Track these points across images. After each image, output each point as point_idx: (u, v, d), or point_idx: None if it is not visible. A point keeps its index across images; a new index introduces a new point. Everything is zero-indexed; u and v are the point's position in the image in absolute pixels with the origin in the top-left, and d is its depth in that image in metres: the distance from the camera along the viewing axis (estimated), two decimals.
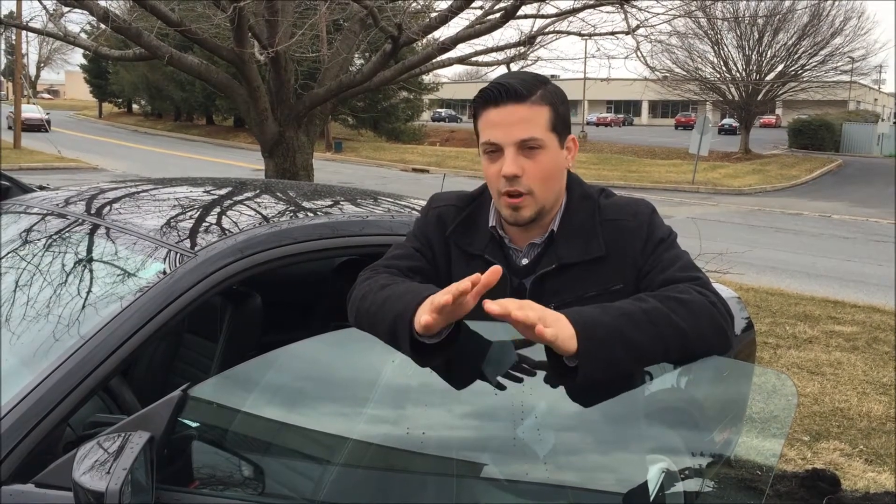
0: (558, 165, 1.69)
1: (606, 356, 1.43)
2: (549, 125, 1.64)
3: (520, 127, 1.62)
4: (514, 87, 1.61)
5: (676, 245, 1.73)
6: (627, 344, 1.45)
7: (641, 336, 1.47)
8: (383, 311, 1.57)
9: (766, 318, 8.09)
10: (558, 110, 1.66)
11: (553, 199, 1.71)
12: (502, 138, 1.63)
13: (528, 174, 1.63)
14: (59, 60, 74.63)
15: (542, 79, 1.69)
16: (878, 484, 4.31)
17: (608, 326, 1.45)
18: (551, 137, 1.65)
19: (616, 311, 1.49)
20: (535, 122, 1.63)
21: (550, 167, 1.66)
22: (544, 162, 1.64)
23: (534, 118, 1.62)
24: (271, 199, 2.88)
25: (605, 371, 1.44)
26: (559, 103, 1.67)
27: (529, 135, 1.62)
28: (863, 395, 5.84)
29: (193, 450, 1.63)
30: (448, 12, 6.84)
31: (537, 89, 1.64)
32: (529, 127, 1.62)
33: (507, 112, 1.62)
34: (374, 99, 36.70)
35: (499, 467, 1.64)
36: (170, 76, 39.59)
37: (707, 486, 1.70)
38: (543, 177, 1.65)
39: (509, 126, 1.62)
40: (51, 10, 7.41)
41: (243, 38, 6.76)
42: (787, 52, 39.30)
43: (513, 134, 1.62)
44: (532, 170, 1.64)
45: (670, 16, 8.74)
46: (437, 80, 41.99)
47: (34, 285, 2.20)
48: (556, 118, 1.65)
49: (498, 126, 1.63)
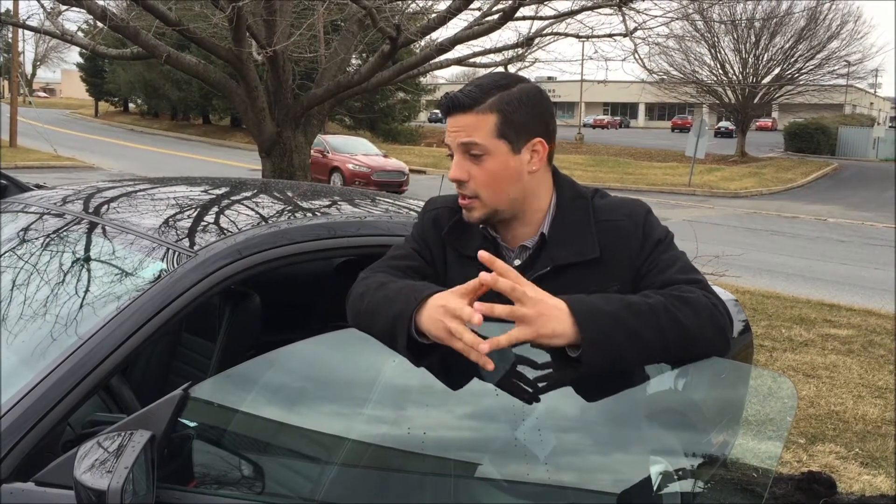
0: (509, 170, 1.70)
1: (609, 345, 1.44)
2: (494, 132, 1.67)
3: (462, 133, 1.68)
4: (459, 100, 1.67)
5: (674, 246, 1.73)
6: (630, 334, 1.46)
7: (644, 327, 1.47)
8: (381, 310, 1.58)
9: (762, 320, 8.11)
10: (511, 116, 1.67)
11: (510, 202, 1.72)
12: (450, 143, 1.71)
13: (473, 179, 1.69)
14: (55, 59, 74.39)
15: (502, 84, 1.70)
16: (873, 487, 4.32)
17: (610, 315, 1.46)
18: (498, 144, 1.67)
19: (619, 302, 1.50)
20: (479, 129, 1.67)
21: (497, 172, 1.69)
22: (490, 168, 1.68)
23: (478, 125, 1.67)
24: (269, 200, 2.88)
25: (608, 360, 1.45)
26: (514, 110, 1.67)
27: (470, 139, 1.67)
28: (858, 398, 5.86)
29: (193, 449, 1.63)
30: (447, 13, 6.85)
31: (488, 97, 1.67)
32: (472, 133, 1.67)
33: (455, 120, 1.69)
34: (372, 100, 36.71)
35: (499, 468, 1.64)
36: (167, 75, 39.54)
37: (704, 488, 1.70)
38: (488, 182, 1.69)
39: (455, 132, 1.69)
40: (48, 9, 7.39)
41: (241, 37, 6.76)
42: (783, 55, 39.38)
43: (457, 138, 1.69)
44: (477, 175, 1.69)
45: (668, 18, 8.77)
46: (435, 81, 42.00)
47: (33, 284, 2.20)
48: (504, 124, 1.67)
49: (449, 132, 1.71)
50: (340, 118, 39.29)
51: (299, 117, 7.66)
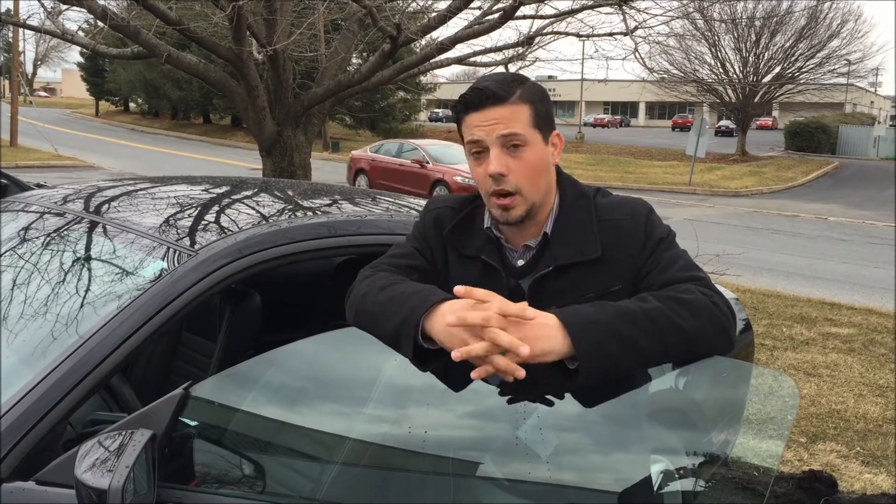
0: (544, 161, 1.70)
1: (604, 356, 1.43)
2: (531, 122, 1.66)
3: (502, 125, 1.64)
4: (492, 90, 1.64)
5: (675, 244, 1.73)
6: (625, 342, 1.45)
7: (640, 335, 1.46)
8: (386, 313, 1.57)
9: (762, 319, 8.11)
10: (538, 107, 1.67)
11: (542, 195, 1.71)
12: (485, 136, 1.65)
13: (514, 172, 1.65)
14: (55, 58, 74.44)
15: (519, 78, 1.71)
16: (874, 485, 4.32)
17: (603, 325, 1.45)
18: (534, 134, 1.66)
19: (613, 311, 1.49)
20: (517, 120, 1.64)
21: (536, 163, 1.67)
22: (530, 159, 1.65)
23: (515, 116, 1.64)
24: (270, 199, 2.88)
25: (604, 371, 1.44)
26: (538, 101, 1.68)
27: (511, 130, 1.63)
28: (859, 396, 5.85)
29: (194, 448, 1.63)
30: (447, 12, 6.84)
31: (516, 89, 1.65)
32: (511, 124, 1.63)
33: (487, 114, 1.64)
34: (372, 99, 36.73)
35: (501, 467, 1.64)
36: (167, 74, 39.57)
37: (706, 487, 1.70)
38: (530, 174, 1.66)
39: (492, 125, 1.64)
40: (49, 8, 7.39)
41: (242, 36, 6.76)
42: (784, 54, 39.37)
43: (495, 130, 1.64)
44: (518, 167, 1.65)
45: (668, 17, 8.76)
46: (435, 80, 42.01)
47: (34, 283, 2.20)
48: (537, 115, 1.67)
49: (480, 127, 1.65)
50: (341, 117, 39.31)
51: (300, 116, 7.65)
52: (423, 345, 1.50)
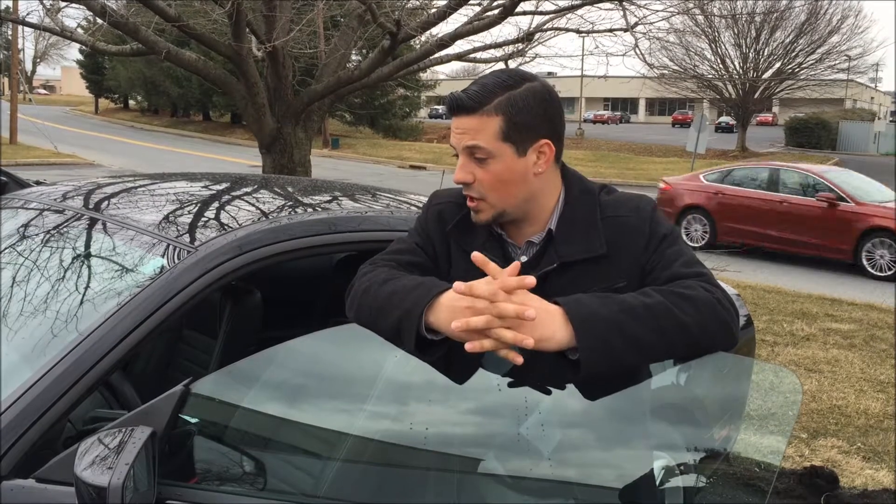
0: (515, 173, 1.67)
1: (606, 349, 1.44)
2: (499, 135, 1.63)
3: (468, 136, 1.65)
4: (463, 101, 1.65)
5: (679, 241, 1.72)
6: (627, 337, 1.45)
7: (642, 329, 1.46)
8: (388, 307, 1.57)
9: (763, 315, 8.10)
10: (515, 119, 1.64)
11: (517, 203, 1.70)
12: (456, 143, 1.68)
13: (479, 181, 1.67)
14: (55, 56, 74.32)
15: (508, 84, 1.66)
16: (875, 481, 4.32)
17: (607, 319, 1.45)
18: (502, 147, 1.64)
19: (616, 305, 1.49)
20: (483, 132, 1.64)
21: (502, 175, 1.66)
22: (495, 170, 1.65)
23: (482, 128, 1.64)
24: (270, 195, 2.87)
25: (606, 364, 1.44)
26: (519, 111, 1.64)
27: (475, 143, 1.64)
28: (860, 392, 5.85)
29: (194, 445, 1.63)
30: (447, 8, 6.83)
31: (493, 98, 1.63)
32: (476, 136, 1.64)
33: (459, 122, 1.66)
34: (372, 95, 36.67)
35: (503, 464, 1.63)
36: (166, 72, 39.49)
37: (708, 483, 1.69)
38: (494, 185, 1.66)
39: (460, 134, 1.66)
40: (48, 5, 7.38)
41: (241, 33, 6.74)
42: (784, 49, 39.35)
43: (462, 141, 1.66)
44: (483, 177, 1.66)
45: (668, 13, 8.75)
46: (435, 76, 41.96)
47: (33, 281, 2.19)
48: (510, 127, 1.64)
49: (454, 133, 1.68)
50: (341, 114, 39.28)
51: (299, 113, 7.64)
52: (426, 335, 1.50)
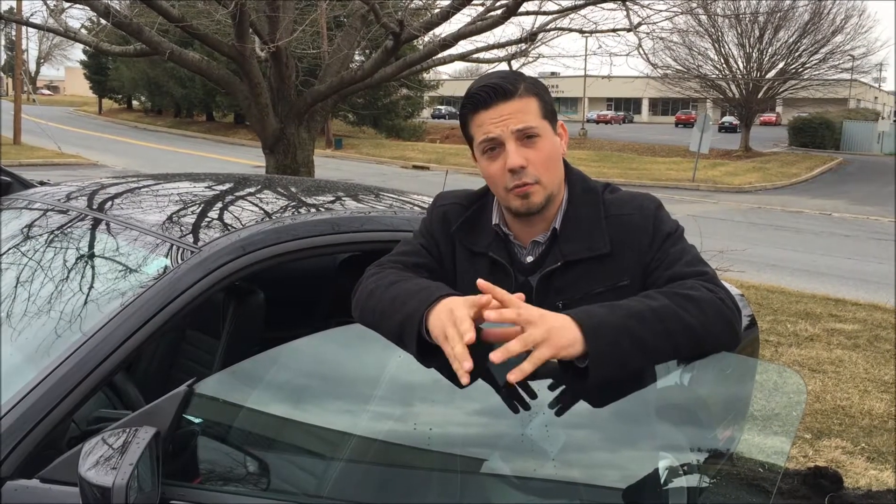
0: (557, 151, 1.72)
1: (616, 356, 1.43)
2: (540, 113, 1.68)
3: (514, 119, 1.64)
4: (501, 86, 1.65)
5: (683, 239, 1.72)
6: (636, 343, 1.45)
7: (650, 334, 1.46)
8: (392, 309, 1.57)
9: (767, 315, 8.09)
10: (544, 99, 1.70)
11: (557, 185, 1.72)
12: (500, 132, 1.64)
13: (532, 163, 1.65)
14: (58, 56, 74.46)
15: (519, 74, 1.74)
16: (880, 482, 4.31)
17: (616, 326, 1.45)
18: (545, 125, 1.68)
19: (624, 311, 1.48)
20: (528, 112, 1.66)
21: (551, 153, 1.69)
22: (545, 149, 1.67)
23: (525, 109, 1.65)
24: (273, 196, 2.87)
25: (616, 371, 1.44)
26: (543, 92, 1.71)
27: (525, 123, 1.64)
28: (864, 392, 5.84)
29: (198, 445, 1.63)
30: (450, 9, 6.82)
31: (520, 83, 1.67)
32: (524, 117, 1.65)
33: (498, 109, 1.65)
34: (375, 96, 36.69)
35: (508, 464, 1.63)
36: (170, 72, 39.57)
37: (712, 483, 1.69)
38: (547, 163, 1.68)
39: (506, 119, 1.64)
40: (51, 6, 7.39)
41: (244, 33, 6.75)
42: (787, 49, 39.29)
43: (509, 125, 1.64)
44: (535, 158, 1.66)
45: (672, 13, 8.75)
46: (438, 77, 41.98)
47: (37, 281, 2.19)
48: (544, 106, 1.69)
49: (494, 123, 1.65)
50: (344, 115, 39.29)
51: (303, 113, 7.64)
52: (427, 340, 1.50)
